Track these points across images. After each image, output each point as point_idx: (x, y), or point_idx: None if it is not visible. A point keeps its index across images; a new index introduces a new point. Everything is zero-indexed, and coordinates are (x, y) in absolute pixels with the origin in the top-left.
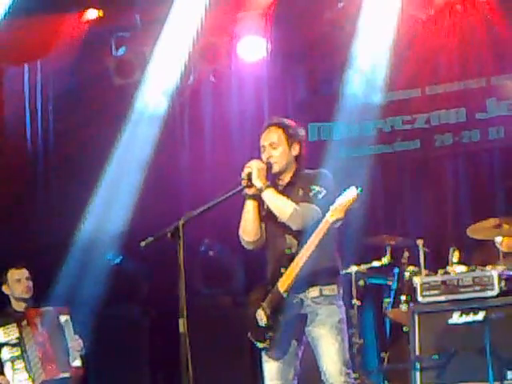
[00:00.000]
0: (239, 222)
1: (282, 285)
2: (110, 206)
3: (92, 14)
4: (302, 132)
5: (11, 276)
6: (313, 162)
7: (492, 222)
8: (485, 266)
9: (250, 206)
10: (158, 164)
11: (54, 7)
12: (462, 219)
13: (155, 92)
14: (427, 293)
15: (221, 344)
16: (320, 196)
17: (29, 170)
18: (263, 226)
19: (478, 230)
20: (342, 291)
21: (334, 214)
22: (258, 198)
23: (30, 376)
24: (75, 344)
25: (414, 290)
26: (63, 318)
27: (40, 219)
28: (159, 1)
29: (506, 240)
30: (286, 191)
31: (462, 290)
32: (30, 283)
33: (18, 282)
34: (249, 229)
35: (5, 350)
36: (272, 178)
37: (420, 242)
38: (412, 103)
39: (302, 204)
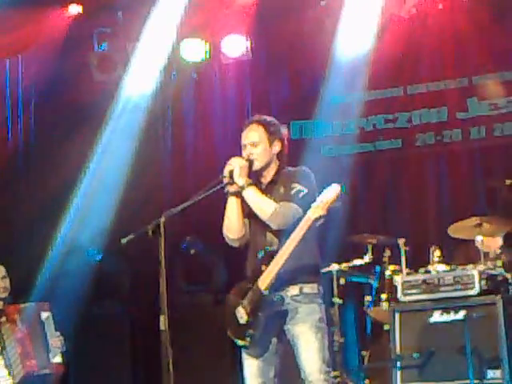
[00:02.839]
0: (222, 219)
1: (263, 282)
2: (92, 202)
3: (74, 9)
4: (283, 130)
5: None
6: (295, 160)
7: (473, 221)
8: (466, 264)
9: (232, 204)
10: (139, 160)
11: (36, 2)
12: (443, 218)
13: (137, 88)
14: (408, 291)
15: (202, 341)
16: (301, 195)
17: (9, 166)
18: (247, 222)
19: (458, 229)
20: (322, 289)
21: (316, 211)
22: (240, 195)
23: (9, 373)
24: (56, 341)
25: (395, 288)
26: (44, 315)
27: (21, 215)
28: None
29: (487, 239)
30: (267, 189)
31: (443, 288)
32: (7, 281)
33: None
34: (232, 226)
35: None
36: (254, 176)
37: (401, 241)
38: (394, 102)
39: (282, 203)
